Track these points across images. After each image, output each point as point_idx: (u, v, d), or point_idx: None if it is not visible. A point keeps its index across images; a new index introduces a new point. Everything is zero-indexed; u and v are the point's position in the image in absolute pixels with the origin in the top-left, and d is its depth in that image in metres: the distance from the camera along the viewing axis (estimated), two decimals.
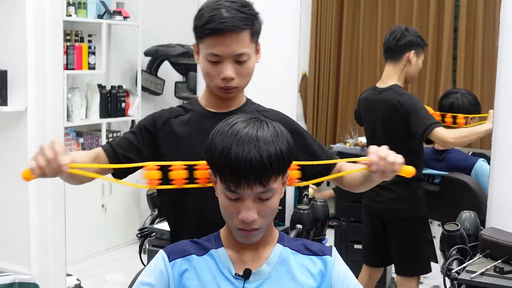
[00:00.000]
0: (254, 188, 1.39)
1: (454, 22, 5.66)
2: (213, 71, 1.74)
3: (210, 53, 1.72)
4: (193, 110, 1.85)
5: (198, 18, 1.74)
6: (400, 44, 3.23)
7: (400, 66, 3.24)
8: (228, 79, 1.74)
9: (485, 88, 5.43)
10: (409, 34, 3.24)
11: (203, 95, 1.89)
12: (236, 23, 1.70)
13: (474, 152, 3.67)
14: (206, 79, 1.79)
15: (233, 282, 1.47)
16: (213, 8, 1.71)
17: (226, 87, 1.76)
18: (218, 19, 1.69)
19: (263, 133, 1.41)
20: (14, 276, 2.87)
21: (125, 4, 5.20)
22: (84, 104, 4.96)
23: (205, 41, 1.72)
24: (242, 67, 1.76)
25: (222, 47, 1.71)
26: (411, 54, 3.21)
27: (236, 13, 1.70)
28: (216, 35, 1.69)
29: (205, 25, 1.70)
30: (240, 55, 1.73)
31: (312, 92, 6.38)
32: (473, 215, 2.42)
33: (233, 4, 1.72)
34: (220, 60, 1.73)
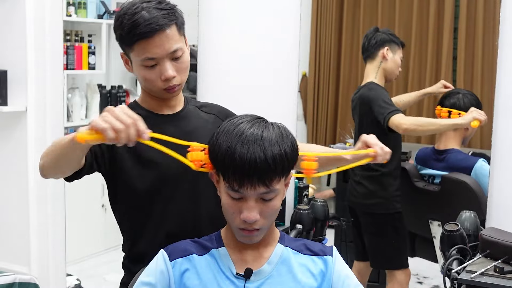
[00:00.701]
0: (257, 188, 1.40)
1: (454, 22, 5.66)
2: (152, 75, 1.69)
3: (145, 58, 1.67)
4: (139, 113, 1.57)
5: (119, 27, 1.69)
6: (372, 43, 3.37)
7: (376, 63, 3.35)
8: (170, 79, 1.70)
9: (485, 88, 5.42)
10: (381, 33, 3.38)
11: (142, 100, 1.82)
12: (161, 21, 1.66)
13: (474, 152, 3.66)
14: (146, 85, 1.73)
15: (234, 282, 1.47)
16: (131, 13, 1.66)
17: (169, 87, 1.71)
18: (142, 22, 1.64)
19: (268, 134, 1.42)
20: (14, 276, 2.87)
21: None
22: (84, 104, 4.95)
23: (136, 48, 1.67)
24: (179, 62, 1.72)
25: (155, 48, 1.66)
26: (385, 50, 3.32)
27: (157, 11, 1.67)
28: (146, 39, 1.65)
29: (131, 32, 1.65)
30: (174, 51, 1.69)
31: (312, 92, 6.38)
32: (473, 215, 2.42)
33: (150, 4, 1.68)
34: (156, 62, 1.68)
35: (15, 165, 3.09)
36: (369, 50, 3.38)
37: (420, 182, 3.41)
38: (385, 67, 3.36)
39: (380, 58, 3.34)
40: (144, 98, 1.82)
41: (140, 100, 1.83)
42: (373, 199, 3.28)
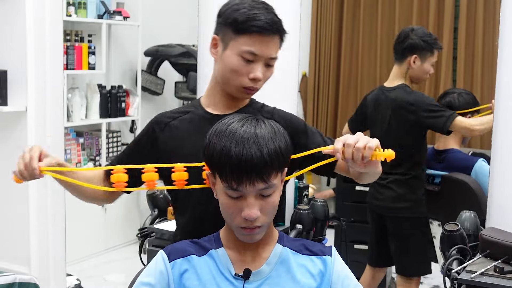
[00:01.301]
0: (256, 184, 1.40)
1: (454, 22, 5.66)
2: (244, 68, 1.71)
3: (248, 51, 1.69)
4: (193, 112, 1.84)
5: (235, 11, 1.70)
6: (402, 47, 3.22)
7: (404, 68, 3.24)
8: (257, 80, 1.73)
9: (485, 88, 5.43)
10: (413, 36, 3.19)
11: (206, 96, 1.86)
12: (279, 27, 1.71)
13: (474, 152, 3.67)
14: (230, 76, 1.74)
15: (233, 282, 1.47)
16: (252, 6, 1.69)
17: (250, 87, 1.74)
18: (263, 18, 1.68)
19: (261, 131, 1.42)
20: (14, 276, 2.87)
21: (125, 4, 5.20)
22: (84, 104, 4.96)
23: (244, 38, 1.69)
24: (268, 70, 1.76)
25: (263, 47, 1.70)
26: (413, 58, 3.19)
27: (275, 17, 1.71)
28: (262, 34, 1.68)
29: (250, 21, 1.67)
30: (272, 58, 1.74)
31: (312, 92, 6.38)
32: (473, 215, 2.42)
33: (269, 7, 1.73)
34: (254, 59, 1.71)
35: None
36: (398, 53, 3.25)
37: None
38: (411, 74, 3.24)
39: (407, 64, 3.22)
40: (209, 94, 1.85)
41: (203, 98, 1.87)
42: (402, 203, 3.21)
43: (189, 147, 1.75)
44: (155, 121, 1.85)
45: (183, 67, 5.57)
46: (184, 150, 1.76)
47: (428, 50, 3.20)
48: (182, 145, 1.78)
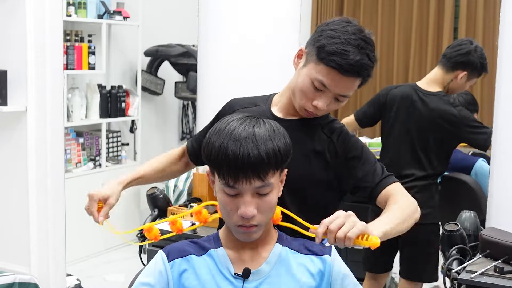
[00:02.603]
0: (253, 182, 1.40)
1: (454, 22, 5.66)
2: (311, 93, 1.72)
3: (319, 80, 1.69)
4: (261, 106, 1.86)
5: (328, 38, 1.67)
6: (459, 59, 3.09)
7: (448, 78, 3.12)
8: (318, 109, 1.73)
9: (485, 88, 5.43)
10: (475, 55, 3.09)
11: (280, 95, 1.88)
12: (362, 71, 1.68)
13: (474, 152, 3.67)
14: (297, 93, 1.75)
15: (233, 282, 1.47)
16: (347, 40, 1.66)
17: (310, 113, 1.75)
18: (348, 58, 1.64)
19: (259, 130, 1.43)
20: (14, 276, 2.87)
21: (125, 4, 5.20)
22: (84, 104, 4.95)
23: (321, 67, 1.68)
24: (337, 103, 1.75)
25: (335, 84, 1.69)
26: (462, 74, 3.09)
27: (365, 59, 1.67)
28: (338, 73, 1.66)
29: (333, 56, 1.65)
30: (343, 96, 1.73)
31: None
32: (473, 215, 2.42)
33: (365, 45, 1.68)
34: (324, 90, 1.70)
35: (15, 165, 3.09)
36: (451, 62, 3.10)
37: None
38: (451, 86, 3.14)
39: (453, 76, 3.10)
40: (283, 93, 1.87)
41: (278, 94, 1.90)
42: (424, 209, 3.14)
43: None
44: (229, 104, 1.94)
45: (183, 67, 5.57)
46: None
47: (477, 73, 3.14)
48: None
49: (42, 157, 3.05)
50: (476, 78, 3.16)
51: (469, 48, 3.09)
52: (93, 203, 1.87)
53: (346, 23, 1.71)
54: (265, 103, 1.88)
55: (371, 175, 1.77)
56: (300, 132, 1.78)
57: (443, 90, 3.11)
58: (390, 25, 5.91)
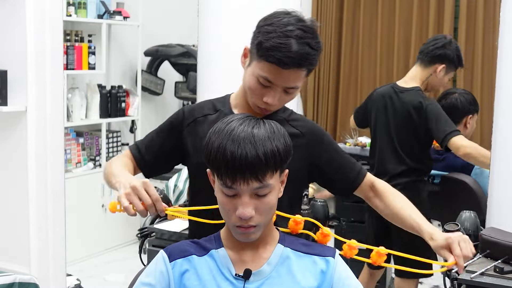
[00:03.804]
0: (250, 183, 1.40)
1: (454, 22, 5.66)
2: (259, 91, 1.72)
3: (263, 77, 1.68)
4: (221, 111, 1.84)
5: (265, 34, 1.67)
6: (436, 53, 3.18)
7: (426, 73, 3.21)
8: (270, 105, 1.73)
9: (485, 88, 5.43)
10: (450, 48, 3.19)
11: (236, 95, 1.87)
12: (303, 61, 1.66)
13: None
14: (248, 91, 1.75)
15: (233, 283, 1.47)
16: (283, 33, 1.64)
17: (264, 109, 1.76)
18: (286, 51, 1.63)
19: (258, 131, 1.42)
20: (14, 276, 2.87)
21: (125, 4, 5.20)
22: (84, 104, 4.95)
23: (262, 63, 1.67)
24: (287, 96, 1.75)
25: (279, 78, 1.68)
26: (441, 67, 3.18)
27: (305, 48, 1.65)
28: (280, 67, 1.66)
29: (272, 51, 1.64)
30: (291, 88, 1.72)
31: (312, 92, 6.38)
32: (473, 215, 2.42)
33: (304, 34, 1.66)
34: (270, 86, 1.70)
35: (15, 165, 3.09)
36: (427, 56, 3.20)
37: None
38: (431, 81, 3.23)
39: (432, 71, 3.20)
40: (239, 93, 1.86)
41: (234, 96, 1.89)
42: None
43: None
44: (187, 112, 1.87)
45: (183, 67, 5.57)
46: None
47: (454, 66, 3.22)
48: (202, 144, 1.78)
49: (42, 157, 3.05)
50: (453, 71, 3.27)
51: (445, 41, 3.21)
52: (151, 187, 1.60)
53: (284, 15, 1.70)
54: (225, 106, 1.85)
55: (351, 164, 1.86)
56: None
57: (418, 86, 3.20)
58: (390, 25, 5.90)
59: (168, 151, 1.87)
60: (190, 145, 1.83)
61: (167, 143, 1.87)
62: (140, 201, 1.58)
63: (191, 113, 1.86)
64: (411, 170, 3.17)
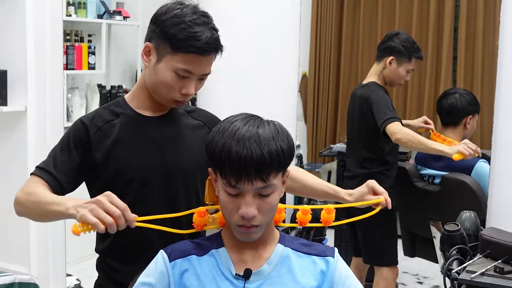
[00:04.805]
0: (255, 183, 1.40)
1: (454, 22, 5.66)
2: (177, 84, 1.70)
3: (184, 69, 1.67)
4: (123, 113, 1.78)
5: (174, 26, 1.65)
6: (382, 47, 3.37)
7: (380, 67, 3.37)
8: (188, 95, 1.72)
9: (485, 88, 5.43)
10: (395, 40, 3.31)
11: (134, 97, 1.81)
12: (218, 45, 1.69)
13: None
14: (161, 88, 1.71)
15: (234, 282, 1.47)
16: (191, 21, 1.65)
17: (181, 101, 1.75)
18: (203, 38, 1.64)
19: (263, 131, 1.43)
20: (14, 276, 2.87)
21: (125, 4, 5.20)
22: (84, 104, 4.96)
23: (181, 55, 1.66)
24: (200, 83, 1.75)
25: (199, 67, 1.68)
26: (389, 60, 3.31)
27: (214, 33, 1.69)
28: (200, 55, 1.66)
29: (189, 41, 1.64)
30: (206, 74, 1.73)
31: (312, 92, 6.38)
32: (473, 215, 2.42)
33: (208, 20, 1.69)
34: (188, 76, 1.69)
35: (15, 165, 3.09)
36: (378, 51, 3.39)
37: (420, 182, 3.40)
38: (385, 74, 3.36)
39: (383, 64, 3.35)
40: (137, 94, 1.81)
41: (130, 97, 1.82)
42: None
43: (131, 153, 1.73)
44: (86, 123, 1.74)
45: None
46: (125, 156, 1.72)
47: (405, 56, 3.31)
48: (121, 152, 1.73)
49: (42, 157, 3.04)
50: (408, 62, 3.34)
51: (391, 34, 3.38)
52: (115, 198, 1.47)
53: (182, 6, 1.70)
54: (125, 109, 1.78)
55: None
56: (178, 124, 1.81)
57: (374, 81, 3.34)
58: (390, 25, 5.90)
59: (76, 166, 1.72)
60: (103, 153, 1.72)
61: (74, 158, 1.72)
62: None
63: (92, 123, 1.74)
64: (368, 161, 3.32)
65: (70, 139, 1.74)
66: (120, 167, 1.72)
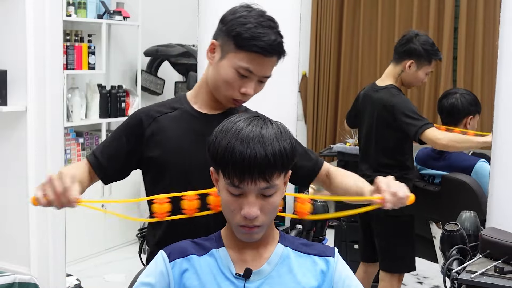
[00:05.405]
0: (258, 183, 1.40)
1: (454, 22, 5.66)
2: (237, 82, 1.73)
3: (245, 68, 1.71)
4: (181, 108, 1.85)
5: (241, 25, 1.70)
6: (401, 49, 3.25)
7: (398, 70, 3.27)
8: (247, 95, 1.75)
9: (485, 88, 5.43)
10: (416, 42, 3.21)
11: (194, 94, 1.87)
12: (281, 49, 1.73)
13: (474, 152, 3.67)
14: (221, 86, 1.76)
15: (234, 282, 1.47)
16: (258, 23, 1.69)
17: (239, 100, 1.78)
18: (267, 40, 1.68)
19: (267, 131, 1.43)
20: (14, 276, 2.87)
21: (125, 4, 5.20)
22: (84, 104, 4.96)
23: (244, 54, 1.70)
24: (260, 86, 1.78)
25: (260, 67, 1.72)
26: (409, 63, 3.22)
27: (279, 37, 1.72)
28: (263, 56, 1.69)
29: (254, 40, 1.68)
30: (266, 77, 1.76)
31: (312, 92, 6.38)
32: (473, 215, 2.42)
33: (274, 24, 1.73)
34: (249, 76, 1.73)
35: (15, 165, 3.09)
36: (396, 53, 3.28)
37: (420, 182, 3.41)
38: (404, 77, 3.27)
39: (402, 67, 3.25)
40: (197, 93, 1.86)
41: (190, 95, 1.88)
42: None
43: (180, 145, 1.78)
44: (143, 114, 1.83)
45: (183, 67, 5.57)
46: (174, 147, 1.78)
47: (425, 59, 3.24)
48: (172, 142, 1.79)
49: (42, 157, 3.05)
50: (428, 65, 3.27)
51: (410, 36, 3.25)
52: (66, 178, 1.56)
53: (249, 8, 1.74)
54: (183, 104, 1.85)
55: (308, 154, 1.89)
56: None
57: (392, 84, 3.25)
58: (390, 25, 5.90)
59: (124, 155, 1.82)
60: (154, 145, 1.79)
61: (124, 147, 1.82)
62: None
63: (148, 114, 1.83)
64: (388, 167, 3.21)
65: (124, 128, 1.85)
66: (168, 159, 1.76)
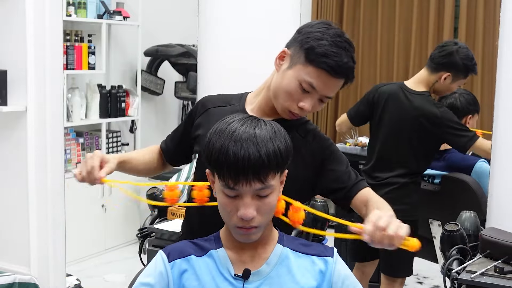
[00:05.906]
0: (253, 184, 1.40)
1: (454, 22, 5.66)
2: (297, 95, 1.71)
3: (308, 82, 1.69)
4: (234, 105, 1.86)
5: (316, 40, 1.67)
6: (441, 61, 3.15)
7: (433, 79, 3.19)
8: (304, 110, 1.73)
9: (485, 88, 5.43)
10: (456, 56, 3.13)
11: (254, 95, 1.88)
12: (350, 73, 1.70)
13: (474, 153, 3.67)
14: (280, 94, 1.74)
15: (233, 283, 1.47)
16: (335, 43, 1.67)
17: (295, 114, 1.75)
18: (339, 60, 1.66)
19: (260, 131, 1.42)
20: (14, 276, 2.87)
21: (125, 4, 5.20)
22: (84, 104, 4.95)
23: (311, 68, 1.68)
24: (319, 105, 1.75)
25: (324, 85, 1.69)
26: (445, 75, 3.14)
27: (351, 61, 1.69)
28: (329, 75, 1.67)
29: (324, 58, 1.65)
30: (328, 97, 1.74)
31: None
32: (473, 215, 2.42)
33: (350, 47, 1.70)
34: (311, 91, 1.70)
35: (15, 165, 3.09)
36: (434, 62, 3.19)
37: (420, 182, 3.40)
38: (437, 87, 3.21)
39: (438, 78, 3.17)
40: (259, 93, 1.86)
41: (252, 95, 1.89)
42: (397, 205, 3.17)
43: None
44: (201, 103, 1.94)
45: (183, 67, 5.57)
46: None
47: (462, 73, 3.17)
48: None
49: (42, 157, 3.05)
50: (463, 79, 3.20)
51: (451, 49, 3.15)
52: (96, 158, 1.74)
53: (329, 25, 1.72)
54: (239, 102, 1.87)
55: (346, 177, 1.81)
56: None
57: (428, 91, 3.18)
58: (390, 25, 5.90)
59: (185, 139, 1.95)
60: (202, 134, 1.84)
61: (185, 131, 1.95)
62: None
63: (204, 104, 1.91)
64: (409, 173, 3.17)
65: (188, 114, 1.97)
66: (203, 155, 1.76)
